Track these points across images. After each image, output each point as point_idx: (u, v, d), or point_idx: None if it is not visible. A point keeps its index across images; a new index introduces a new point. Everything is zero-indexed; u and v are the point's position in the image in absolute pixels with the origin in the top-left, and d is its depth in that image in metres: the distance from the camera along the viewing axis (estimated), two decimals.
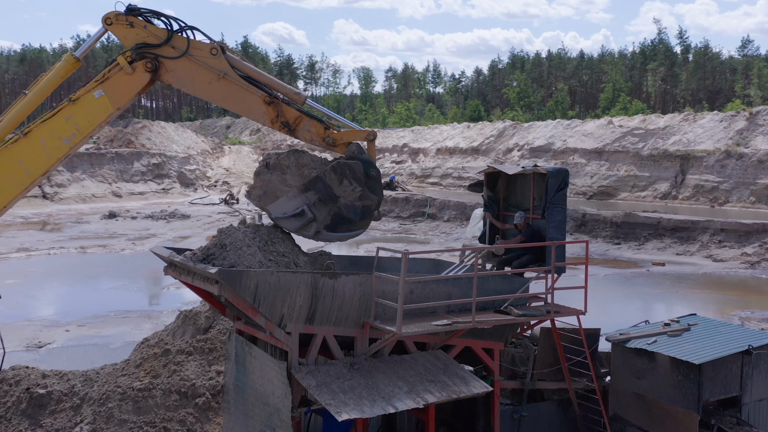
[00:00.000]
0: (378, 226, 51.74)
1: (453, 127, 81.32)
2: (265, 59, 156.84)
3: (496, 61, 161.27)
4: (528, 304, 12.66)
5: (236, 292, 10.25)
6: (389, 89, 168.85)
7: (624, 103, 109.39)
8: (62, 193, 64.75)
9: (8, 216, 59.96)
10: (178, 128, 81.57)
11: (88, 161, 68.02)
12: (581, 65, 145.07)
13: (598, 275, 37.80)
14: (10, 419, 13.41)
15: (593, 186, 62.55)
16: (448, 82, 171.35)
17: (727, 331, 13.53)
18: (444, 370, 11.32)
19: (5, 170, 11.14)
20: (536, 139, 70.99)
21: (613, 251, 44.08)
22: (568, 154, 67.07)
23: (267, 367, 11.08)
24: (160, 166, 70.86)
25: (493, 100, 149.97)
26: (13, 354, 23.51)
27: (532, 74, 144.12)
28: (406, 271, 10.74)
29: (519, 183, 13.93)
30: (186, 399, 13.89)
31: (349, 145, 11.81)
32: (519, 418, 12.82)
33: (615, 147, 64.14)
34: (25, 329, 26.86)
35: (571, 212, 49.45)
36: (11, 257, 42.13)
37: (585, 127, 69.70)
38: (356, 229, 11.97)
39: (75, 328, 27.01)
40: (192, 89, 11.60)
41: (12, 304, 30.35)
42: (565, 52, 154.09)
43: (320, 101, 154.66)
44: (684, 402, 12.26)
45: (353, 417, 9.89)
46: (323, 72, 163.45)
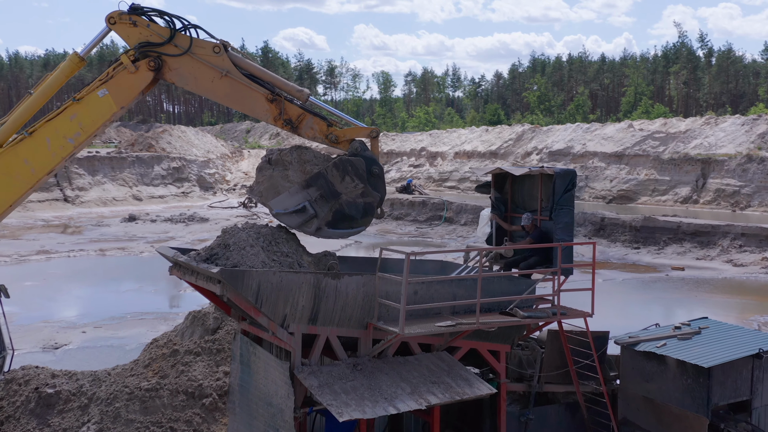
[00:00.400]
0: (395, 230, 51.66)
1: (471, 130, 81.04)
2: (285, 64, 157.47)
3: (516, 64, 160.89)
4: (535, 306, 12.51)
5: (238, 292, 10.22)
6: (408, 93, 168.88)
7: (646, 106, 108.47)
8: (83, 196, 65.34)
9: (30, 219, 60.77)
10: (198, 132, 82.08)
11: (109, 165, 68.64)
12: (602, 69, 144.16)
13: (616, 279, 37.48)
14: (18, 418, 13.51)
15: (613, 190, 62.04)
16: (468, 86, 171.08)
17: (739, 334, 13.30)
18: (448, 372, 11.20)
19: (11, 169, 11.21)
20: (555, 142, 70.56)
21: (632, 255, 43.67)
22: (587, 157, 66.59)
23: (270, 368, 11.04)
24: (179, 169, 71.32)
25: (514, 104, 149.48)
26: (30, 355, 23.77)
27: (553, 78, 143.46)
28: (413, 273, 10.67)
29: (527, 184, 13.79)
30: (193, 399, 13.93)
31: (352, 142, 11.76)
32: (525, 421, 12.66)
33: (635, 151, 63.57)
34: (42, 330, 27.09)
35: (589, 216, 49.09)
36: (31, 259, 42.56)
37: (605, 130, 69.18)
38: (358, 227, 11.92)
39: (91, 329, 27.18)
40: (195, 87, 11.61)
41: (30, 305, 30.67)
42: (586, 55, 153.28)
43: (340, 106, 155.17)
44: (693, 406, 12.06)
45: (354, 417, 9.82)
46: (343, 76, 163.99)
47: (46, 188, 64.50)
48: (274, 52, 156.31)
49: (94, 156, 69.20)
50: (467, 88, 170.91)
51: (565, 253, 12.48)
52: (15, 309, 29.98)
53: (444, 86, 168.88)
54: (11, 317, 29.07)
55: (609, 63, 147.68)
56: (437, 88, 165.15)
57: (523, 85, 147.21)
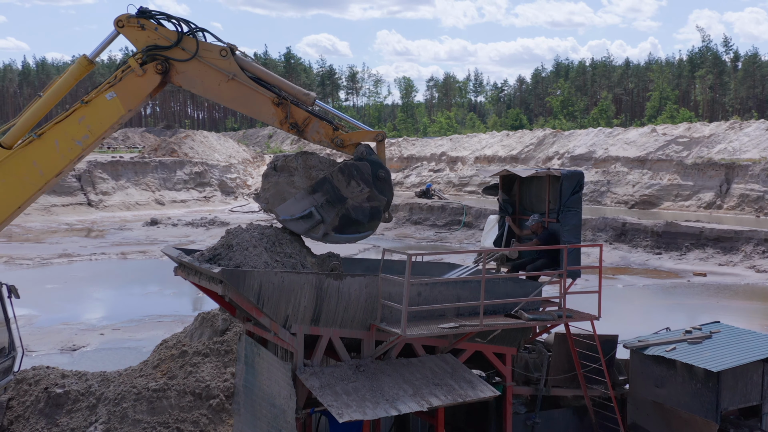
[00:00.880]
0: (413, 234, 51.61)
1: (492, 135, 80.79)
2: (308, 70, 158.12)
3: (539, 69, 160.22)
4: (542, 308, 12.43)
5: (240, 292, 10.26)
6: (430, 99, 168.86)
7: (671, 111, 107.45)
8: (107, 200, 66.05)
9: (53, 223, 61.49)
10: (220, 137, 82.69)
11: (133, 170, 69.33)
12: (627, 73, 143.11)
13: (636, 285, 37.18)
14: (28, 418, 13.58)
15: (635, 195, 61.50)
16: (490, 91, 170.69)
17: (750, 339, 13.10)
18: (452, 374, 11.15)
19: (20, 171, 11.32)
20: (577, 147, 70.13)
21: (654, 261, 43.28)
22: (609, 162, 66.10)
23: (273, 369, 11.06)
24: (201, 174, 71.86)
25: (537, 108, 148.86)
26: (47, 356, 24.03)
27: (576, 82, 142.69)
28: (422, 275, 10.63)
29: (534, 186, 13.71)
30: (200, 400, 13.92)
31: (357, 146, 11.77)
32: (532, 425, 12.57)
33: (658, 155, 62.98)
34: (61, 333, 27.39)
35: (610, 221, 48.72)
36: (53, 263, 43.08)
37: (627, 135, 68.64)
38: (365, 231, 11.89)
39: (110, 331, 27.44)
40: (202, 91, 11.68)
41: (51, 308, 31.06)
42: (610, 60, 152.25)
43: (361, 111, 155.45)
44: (702, 411, 11.91)
45: (355, 419, 9.80)
46: (364, 82, 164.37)
47: (70, 192, 65.36)
48: (296, 58, 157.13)
49: (118, 161, 69.98)
50: (489, 93, 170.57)
51: (572, 256, 12.38)
52: (35, 311, 30.44)
53: (466, 91, 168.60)
54: (31, 319, 29.56)
55: (634, 67, 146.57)
56: (459, 93, 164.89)
57: (546, 89, 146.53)
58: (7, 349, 13.99)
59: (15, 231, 55.83)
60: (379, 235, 51.94)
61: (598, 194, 64.03)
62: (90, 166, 67.49)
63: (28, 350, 25.03)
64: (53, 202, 63.91)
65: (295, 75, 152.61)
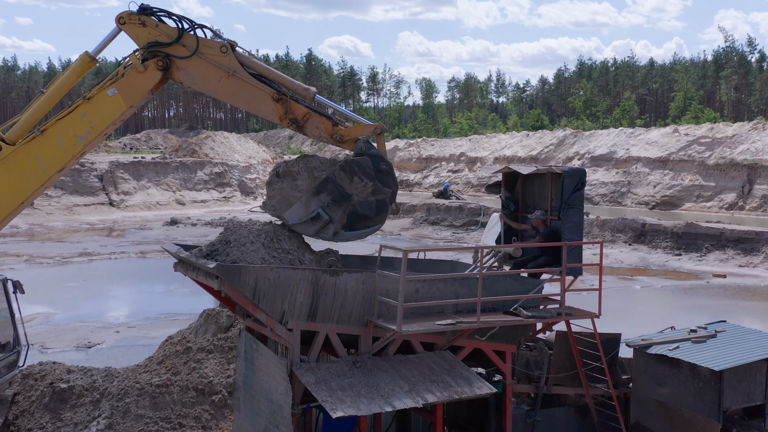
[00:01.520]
0: (430, 235, 51.52)
1: (512, 135, 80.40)
2: (328, 71, 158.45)
3: (562, 69, 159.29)
4: (544, 306, 12.34)
5: (235, 288, 10.30)
6: (451, 99, 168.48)
7: (695, 111, 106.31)
8: (128, 200, 66.66)
9: (75, 222, 62.13)
10: (240, 138, 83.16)
11: (154, 170, 69.90)
12: (651, 73, 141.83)
13: (655, 286, 36.87)
14: (33, 413, 13.73)
15: (656, 196, 60.90)
16: (512, 91, 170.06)
17: (755, 338, 12.91)
18: (449, 371, 11.11)
19: (23, 167, 11.45)
20: (597, 147, 69.61)
21: (673, 262, 42.87)
22: (630, 163, 65.52)
23: (271, 364, 11.10)
24: (222, 174, 72.27)
25: (559, 109, 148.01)
26: (63, 354, 24.26)
27: (599, 83, 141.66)
28: (422, 272, 10.60)
29: (537, 184, 13.62)
30: (203, 396, 13.99)
31: (356, 141, 11.77)
32: (532, 423, 12.48)
33: (680, 156, 62.30)
34: (78, 330, 27.68)
35: (630, 222, 48.30)
36: (73, 261, 43.57)
37: (649, 135, 67.99)
38: (373, 225, 11.88)
39: (125, 329, 27.69)
40: (202, 87, 11.74)
41: (68, 305, 31.43)
42: (634, 60, 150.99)
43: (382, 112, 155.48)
44: (705, 410, 11.75)
45: (348, 414, 9.79)
46: (385, 83, 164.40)
47: (92, 192, 66.06)
48: (317, 59, 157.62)
49: (140, 161, 70.61)
50: (511, 94, 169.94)
51: (574, 253, 12.29)
52: (53, 309, 30.82)
53: (487, 92, 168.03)
54: (48, 317, 29.92)
55: (658, 68, 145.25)
56: (480, 94, 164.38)
57: (569, 90, 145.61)
58: (12, 345, 14.13)
59: (37, 230, 56.57)
60: (396, 235, 51.96)
61: (619, 195, 63.50)
62: (112, 166, 68.18)
63: (44, 347, 25.37)
64: (75, 201, 64.65)
65: (316, 77, 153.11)
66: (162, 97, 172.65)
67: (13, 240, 51.68)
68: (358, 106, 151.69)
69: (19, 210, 11.77)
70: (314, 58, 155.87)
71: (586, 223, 51.27)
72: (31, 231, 56.35)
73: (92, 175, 67.24)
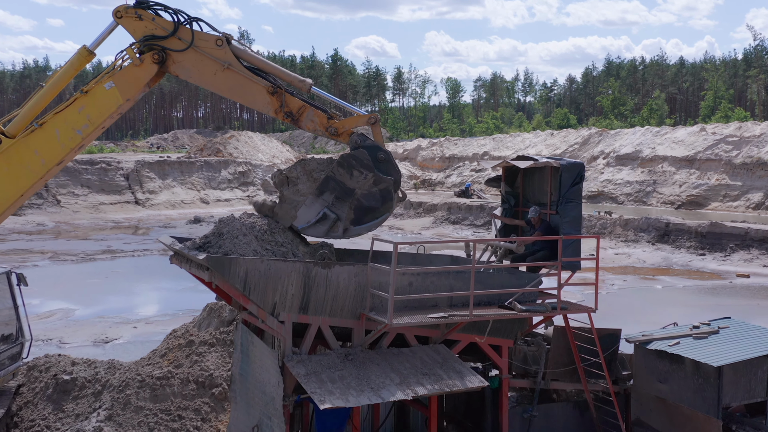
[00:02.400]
0: (451, 234, 51.33)
1: (536, 134, 79.83)
2: (353, 71, 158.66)
3: (590, 68, 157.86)
4: (542, 301, 12.21)
5: (226, 279, 10.33)
6: (477, 99, 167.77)
7: (725, 111, 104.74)
8: (153, 199, 67.34)
9: (101, 221, 62.88)
10: (264, 138, 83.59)
11: (179, 169, 70.54)
12: (681, 72, 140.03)
13: (676, 286, 36.42)
14: (36, 404, 13.89)
15: (681, 195, 60.10)
16: (540, 90, 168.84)
17: (758, 334, 12.66)
18: (442, 364, 11.05)
19: (22, 160, 11.58)
20: (623, 146, 68.87)
21: (697, 262, 42.31)
22: (656, 162, 64.72)
23: (264, 357, 11.12)
24: (245, 174, 72.74)
25: (587, 108, 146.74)
26: (80, 349, 24.58)
27: (627, 81, 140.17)
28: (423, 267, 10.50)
29: (537, 178, 13.48)
30: (203, 389, 14.06)
31: (351, 135, 11.74)
32: (529, 418, 12.36)
33: (707, 155, 61.40)
34: (96, 326, 28.02)
35: (653, 221, 47.73)
36: (97, 258, 44.13)
37: (676, 134, 67.11)
38: (381, 215, 11.81)
39: (143, 325, 27.97)
40: (198, 80, 11.78)
41: (89, 301, 31.83)
42: (664, 58, 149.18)
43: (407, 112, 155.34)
44: (704, 406, 11.56)
45: (336, 406, 9.77)
46: (411, 83, 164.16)
47: (118, 191, 66.85)
48: (342, 59, 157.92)
49: (165, 161, 71.31)
50: (539, 93, 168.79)
51: (571, 248, 12.15)
52: (73, 305, 31.23)
53: (513, 91, 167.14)
54: (68, 313, 30.32)
55: (689, 66, 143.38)
56: (507, 93, 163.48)
57: (597, 89, 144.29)
58: (14, 336, 14.31)
59: (63, 228, 57.39)
60: (417, 234, 51.86)
61: (644, 194, 62.80)
62: (138, 165, 68.92)
63: (62, 342, 25.71)
64: (101, 200, 65.48)
65: (341, 77, 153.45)
66: (191, 97, 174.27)
67: (39, 237, 52.48)
68: (383, 106, 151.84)
69: (18, 203, 11.90)
70: (339, 58, 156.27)
71: (608, 223, 50.80)
72: (57, 229, 57.18)
73: (118, 174, 68.05)
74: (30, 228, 56.66)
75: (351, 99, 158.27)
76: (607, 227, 50.29)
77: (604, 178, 66.52)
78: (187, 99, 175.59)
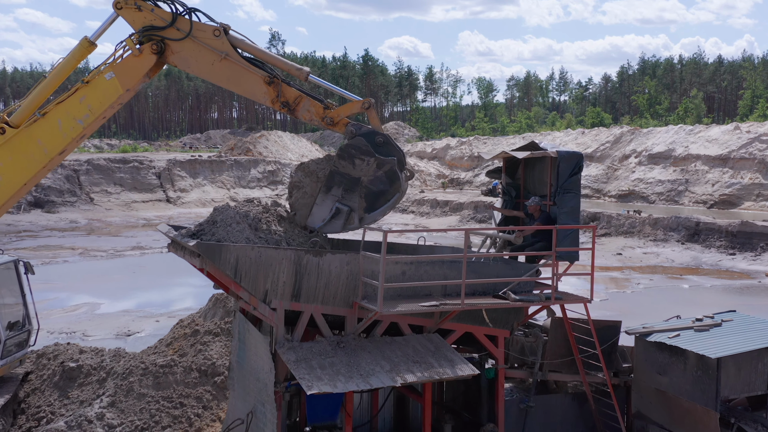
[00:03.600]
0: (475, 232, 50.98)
1: (566, 133, 79.10)
2: (384, 71, 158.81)
3: (625, 67, 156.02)
4: (540, 291, 12.11)
5: (217, 266, 10.42)
6: (511, 98, 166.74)
7: (763, 110, 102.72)
8: (184, 197, 68.20)
9: (132, 218, 63.73)
10: (293, 137, 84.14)
11: (209, 168, 71.35)
12: (719, 71, 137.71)
13: (704, 285, 35.88)
14: (43, 391, 14.25)
15: (714, 195, 59.08)
16: (575, 89, 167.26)
17: (762, 327, 12.40)
18: (434, 353, 11.02)
19: (25, 149, 11.82)
20: (656, 145, 67.91)
21: (726, 261, 41.63)
22: (689, 161, 63.71)
23: (258, 344, 11.21)
24: (274, 173, 73.27)
25: (623, 107, 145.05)
26: (103, 341, 25.02)
27: (664, 80, 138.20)
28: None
29: (537, 169, 13.37)
30: (205, 377, 14.30)
31: (346, 126, 11.78)
32: (525, 408, 12.26)
33: (741, 154, 60.27)
34: (120, 319, 28.51)
35: (683, 220, 47.03)
36: (126, 254, 44.83)
37: (709, 132, 65.98)
38: (392, 196, 11.80)
39: (165, 318, 28.33)
40: (196, 70, 11.90)
41: (115, 296, 32.37)
42: (702, 57, 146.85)
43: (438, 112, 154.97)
44: (702, 399, 11.36)
45: (323, 391, 9.78)
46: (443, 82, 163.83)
47: (150, 189, 67.82)
48: (374, 59, 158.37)
49: (196, 159, 72.17)
50: (574, 92, 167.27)
51: (569, 239, 12.03)
52: (100, 299, 31.79)
53: (547, 90, 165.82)
54: (94, 307, 30.85)
55: (727, 65, 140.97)
56: (540, 92, 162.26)
57: (632, 88, 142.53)
58: (21, 323, 14.63)
59: (96, 225, 58.39)
60: (441, 232, 51.64)
61: (676, 194, 61.85)
62: (169, 164, 69.85)
63: (85, 335, 26.20)
64: (134, 198, 66.49)
65: (373, 77, 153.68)
66: (225, 99, 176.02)
67: (71, 234, 53.46)
68: (415, 106, 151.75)
69: (22, 191, 12.12)
70: (370, 58, 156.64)
71: (637, 222, 50.15)
72: (90, 226, 58.19)
73: (150, 172, 69.04)
74: (63, 225, 57.76)
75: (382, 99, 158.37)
76: (635, 226, 49.69)
77: (636, 177, 65.68)
78: (222, 100, 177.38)
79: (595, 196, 67.20)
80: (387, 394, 12.90)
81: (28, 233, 53.09)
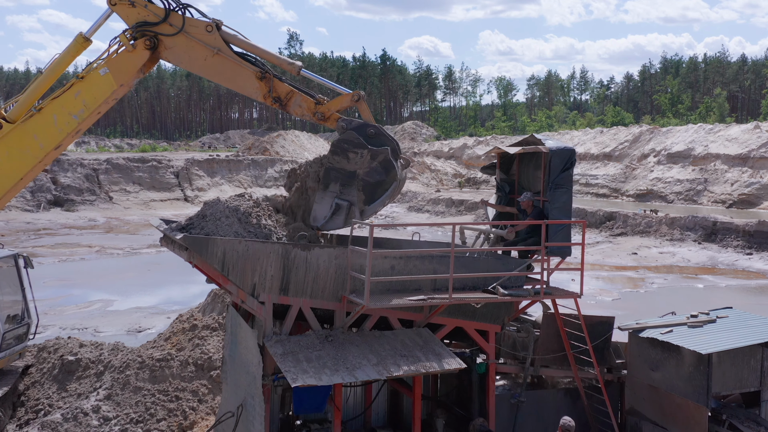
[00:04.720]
0: None
1: (585, 132, 78.61)
2: (403, 71, 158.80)
3: (647, 66, 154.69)
4: (533, 286, 12.07)
5: (204, 259, 10.50)
6: (531, 97, 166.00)
7: None
8: (202, 196, 68.60)
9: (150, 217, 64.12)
10: (310, 137, 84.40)
11: (227, 167, 71.76)
12: (742, 70, 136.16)
13: (719, 285, 35.54)
14: (43, 384, 14.45)
15: (733, 194, 58.45)
16: (596, 89, 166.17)
17: (757, 324, 12.26)
18: (422, 347, 11.03)
19: (22, 144, 11.99)
20: (675, 144, 67.32)
21: (743, 261, 41.17)
22: (709, 160, 63.10)
23: (248, 337, 11.30)
24: None
25: (645, 106, 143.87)
26: (113, 337, 25.31)
27: (687, 79, 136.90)
28: None
29: (532, 165, 13.32)
30: (202, 371, 14.42)
31: (337, 122, 11.82)
32: (516, 403, 12.22)
33: (761, 153, 59.60)
34: (132, 316, 28.81)
35: (700, 220, 46.58)
36: (142, 252, 45.25)
37: (729, 131, 65.30)
38: (390, 185, 11.82)
39: (176, 315, 28.49)
40: (189, 66, 11.99)
41: (129, 293, 32.70)
42: (725, 56, 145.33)
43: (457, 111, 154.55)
44: (693, 394, 11.26)
45: (308, 384, 9.83)
46: (462, 82, 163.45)
47: (168, 188, 68.34)
48: (392, 59, 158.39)
49: (214, 159, 72.63)
50: (596, 91, 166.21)
51: (561, 234, 11.98)
52: (113, 296, 32.12)
53: (568, 89, 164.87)
54: (107, 303, 31.18)
55: (750, 64, 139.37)
56: (561, 91, 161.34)
57: (654, 87, 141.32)
58: (21, 316, 14.82)
59: (114, 224, 58.94)
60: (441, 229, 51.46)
61: (694, 193, 61.26)
62: (187, 163, 70.34)
63: (97, 331, 26.48)
64: (152, 197, 67.04)
65: (391, 76, 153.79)
66: (246, 99, 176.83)
67: (89, 232, 54.03)
68: (434, 105, 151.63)
69: (19, 186, 12.29)
70: (388, 58, 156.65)
71: (653, 221, 49.73)
72: (108, 224, 58.76)
73: (169, 171, 69.58)
74: (82, 223, 58.38)
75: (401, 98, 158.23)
76: (652, 226, 49.29)
77: (654, 176, 65.16)
78: (242, 100, 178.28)
79: (613, 196, 66.74)
80: (379, 388, 12.92)
81: (46, 231, 53.73)
